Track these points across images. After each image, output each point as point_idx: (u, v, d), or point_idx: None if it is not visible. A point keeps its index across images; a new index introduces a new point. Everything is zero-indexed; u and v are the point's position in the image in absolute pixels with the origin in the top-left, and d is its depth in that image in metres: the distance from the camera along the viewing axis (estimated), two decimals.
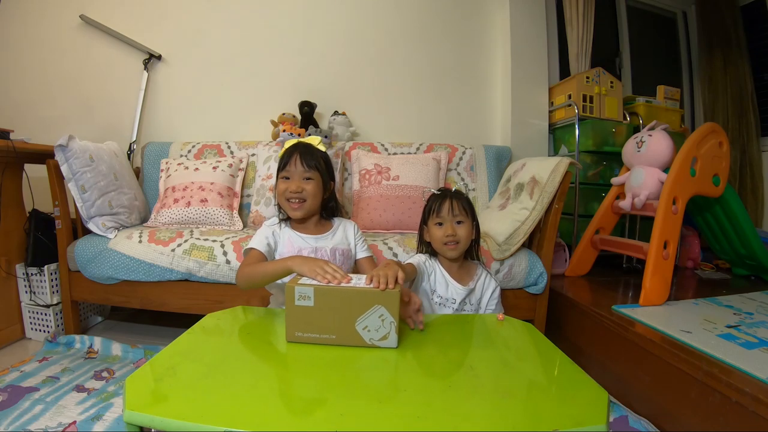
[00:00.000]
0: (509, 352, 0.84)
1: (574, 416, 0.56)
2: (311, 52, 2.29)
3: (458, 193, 1.20)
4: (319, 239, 1.13)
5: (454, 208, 1.15)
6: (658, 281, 1.39)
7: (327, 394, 0.62)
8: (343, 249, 1.14)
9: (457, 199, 1.17)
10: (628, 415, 1.12)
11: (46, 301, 1.61)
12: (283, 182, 1.10)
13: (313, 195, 1.09)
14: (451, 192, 1.20)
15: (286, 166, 1.09)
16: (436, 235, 1.17)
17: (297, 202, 1.09)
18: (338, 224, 1.19)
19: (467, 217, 1.16)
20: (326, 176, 1.13)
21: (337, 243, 1.14)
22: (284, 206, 1.11)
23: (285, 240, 1.11)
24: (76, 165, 1.50)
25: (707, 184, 1.54)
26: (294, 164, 1.08)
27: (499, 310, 1.22)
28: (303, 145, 1.12)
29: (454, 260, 1.19)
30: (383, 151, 2.09)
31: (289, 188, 1.08)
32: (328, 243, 1.13)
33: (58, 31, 2.16)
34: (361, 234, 1.22)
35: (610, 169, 2.15)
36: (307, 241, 1.11)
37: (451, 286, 1.16)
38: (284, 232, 1.12)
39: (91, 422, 1.05)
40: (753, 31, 2.69)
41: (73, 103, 2.18)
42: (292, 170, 1.09)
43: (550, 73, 2.37)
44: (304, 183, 1.08)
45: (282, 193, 1.09)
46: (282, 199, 1.11)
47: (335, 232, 1.16)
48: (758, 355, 0.99)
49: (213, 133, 2.22)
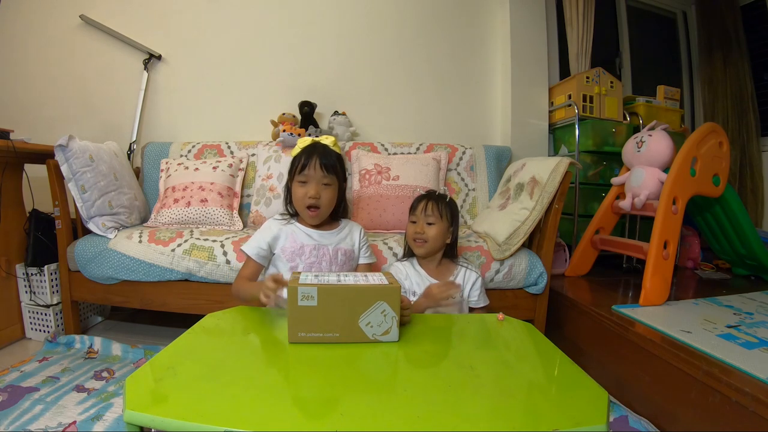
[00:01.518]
0: (509, 352, 0.84)
1: (574, 416, 0.56)
2: (311, 52, 2.29)
3: (441, 196, 1.23)
4: (323, 235, 1.12)
5: (427, 209, 1.21)
6: (658, 281, 1.39)
7: (327, 394, 0.62)
8: (346, 249, 1.13)
9: (435, 201, 1.21)
10: (628, 415, 1.12)
11: (46, 301, 1.61)
12: (301, 186, 1.06)
13: (330, 201, 1.08)
14: (435, 194, 1.24)
15: (305, 169, 1.05)
16: (408, 231, 1.26)
17: (315, 210, 1.06)
18: (345, 225, 1.18)
19: (441, 220, 1.20)
20: (342, 180, 1.11)
21: (341, 242, 1.13)
22: (302, 212, 1.09)
23: (288, 234, 1.10)
24: (76, 165, 1.50)
25: (707, 184, 1.54)
26: (313, 168, 1.04)
27: (483, 300, 1.26)
28: (322, 148, 1.07)
29: (431, 260, 1.25)
30: (383, 151, 2.09)
31: (309, 193, 1.04)
32: (331, 240, 1.12)
33: (58, 31, 2.16)
34: (366, 239, 1.20)
35: (610, 169, 2.15)
36: (311, 236, 1.10)
37: (429, 282, 1.19)
38: (289, 227, 1.11)
39: (91, 422, 1.05)
40: (753, 31, 2.69)
41: (73, 103, 2.18)
42: (311, 174, 1.04)
43: (550, 73, 2.38)
44: (322, 189, 1.05)
45: (300, 199, 1.06)
46: (300, 205, 1.08)
47: (340, 231, 1.15)
48: (758, 355, 0.99)
49: (213, 133, 2.22)
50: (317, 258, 1.09)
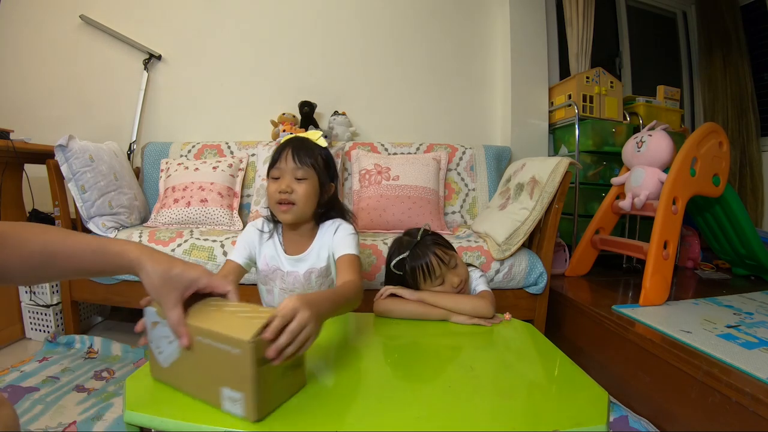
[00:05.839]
0: (509, 352, 0.84)
1: (574, 416, 0.56)
2: (311, 52, 2.29)
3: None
4: (297, 261, 0.99)
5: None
6: (658, 281, 1.39)
7: (326, 394, 0.62)
8: (320, 268, 0.99)
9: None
10: (628, 415, 1.12)
11: (46, 301, 1.61)
12: (273, 183, 0.94)
13: (306, 197, 0.93)
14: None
15: (276, 162, 0.94)
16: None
17: (285, 204, 0.93)
18: (322, 233, 1.00)
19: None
20: (324, 176, 0.96)
21: (314, 263, 0.99)
22: (274, 209, 0.96)
23: (262, 255, 1.00)
24: (76, 165, 1.51)
25: (707, 184, 1.54)
26: (285, 160, 0.93)
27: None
28: (297, 140, 0.96)
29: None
30: (383, 151, 2.09)
31: (279, 188, 0.92)
32: (302, 266, 0.99)
33: (58, 31, 2.16)
34: (348, 233, 0.98)
35: (610, 169, 2.15)
36: (282, 263, 0.99)
37: None
38: (267, 244, 1.00)
39: (91, 422, 1.05)
40: (753, 31, 2.70)
41: (73, 103, 2.18)
42: (283, 167, 0.93)
43: (550, 73, 2.38)
44: (295, 183, 0.92)
45: (272, 195, 0.94)
46: (272, 202, 0.95)
47: (315, 247, 1.00)
48: (758, 355, 0.99)
49: (213, 133, 2.22)
50: (291, 284, 1.00)
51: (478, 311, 0.94)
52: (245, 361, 0.50)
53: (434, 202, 1.89)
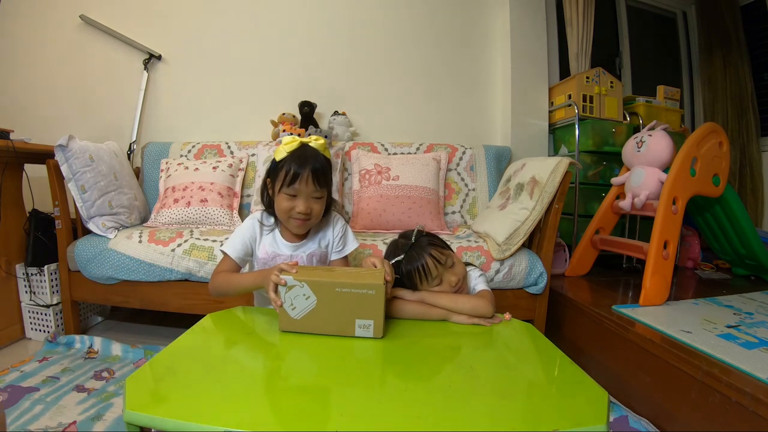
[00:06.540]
0: (509, 352, 0.84)
1: (574, 416, 0.56)
2: (311, 51, 2.29)
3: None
4: (298, 247, 1.07)
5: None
6: (658, 281, 1.39)
7: (326, 394, 0.62)
8: (320, 254, 1.09)
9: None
10: (628, 415, 1.12)
11: (46, 301, 1.61)
12: (288, 200, 0.98)
13: (320, 212, 1.02)
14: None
15: (294, 183, 0.95)
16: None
17: (302, 220, 0.99)
18: (322, 224, 1.10)
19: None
20: (331, 186, 1.05)
21: (315, 248, 1.08)
22: (285, 222, 1.02)
23: (262, 244, 1.06)
24: (76, 165, 1.51)
25: (707, 184, 1.54)
26: (305, 183, 0.96)
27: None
28: (313, 157, 0.98)
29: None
30: (383, 151, 2.09)
31: (297, 208, 0.97)
32: (305, 250, 1.07)
33: (58, 31, 2.16)
34: (344, 231, 1.12)
35: (610, 169, 2.15)
36: (282, 249, 1.06)
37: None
38: (266, 235, 1.06)
39: (91, 422, 1.05)
40: (753, 31, 2.70)
41: (73, 103, 2.18)
42: (302, 189, 0.96)
43: (550, 73, 2.38)
44: (313, 202, 0.98)
45: (286, 211, 0.98)
46: (284, 216, 1.00)
47: (315, 235, 1.09)
48: (758, 355, 0.99)
49: (213, 133, 2.22)
50: None
51: (477, 311, 0.94)
52: (379, 297, 0.77)
53: (434, 202, 1.89)
